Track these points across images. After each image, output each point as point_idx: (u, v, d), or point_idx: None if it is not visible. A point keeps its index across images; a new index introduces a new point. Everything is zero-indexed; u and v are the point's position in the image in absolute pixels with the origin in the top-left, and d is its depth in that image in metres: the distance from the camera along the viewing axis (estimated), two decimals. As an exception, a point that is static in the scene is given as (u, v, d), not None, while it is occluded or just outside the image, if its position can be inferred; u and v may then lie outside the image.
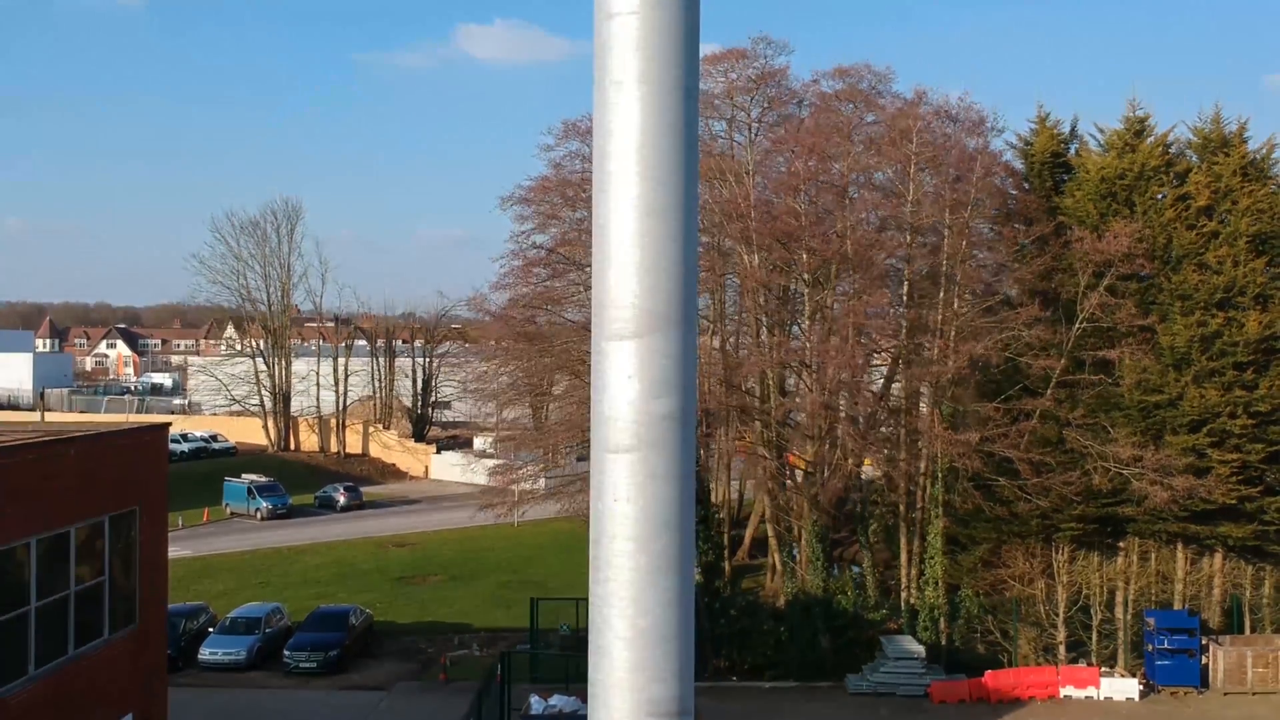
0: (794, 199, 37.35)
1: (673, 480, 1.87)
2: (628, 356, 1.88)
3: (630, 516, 1.85)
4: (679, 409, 1.88)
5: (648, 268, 1.88)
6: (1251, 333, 35.23)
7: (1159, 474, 34.69)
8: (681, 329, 1.90)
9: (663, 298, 1.88)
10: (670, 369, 1.89)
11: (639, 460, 1.86)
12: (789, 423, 37.38)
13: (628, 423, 1.87)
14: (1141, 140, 38.68)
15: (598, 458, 1.90)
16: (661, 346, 1.88)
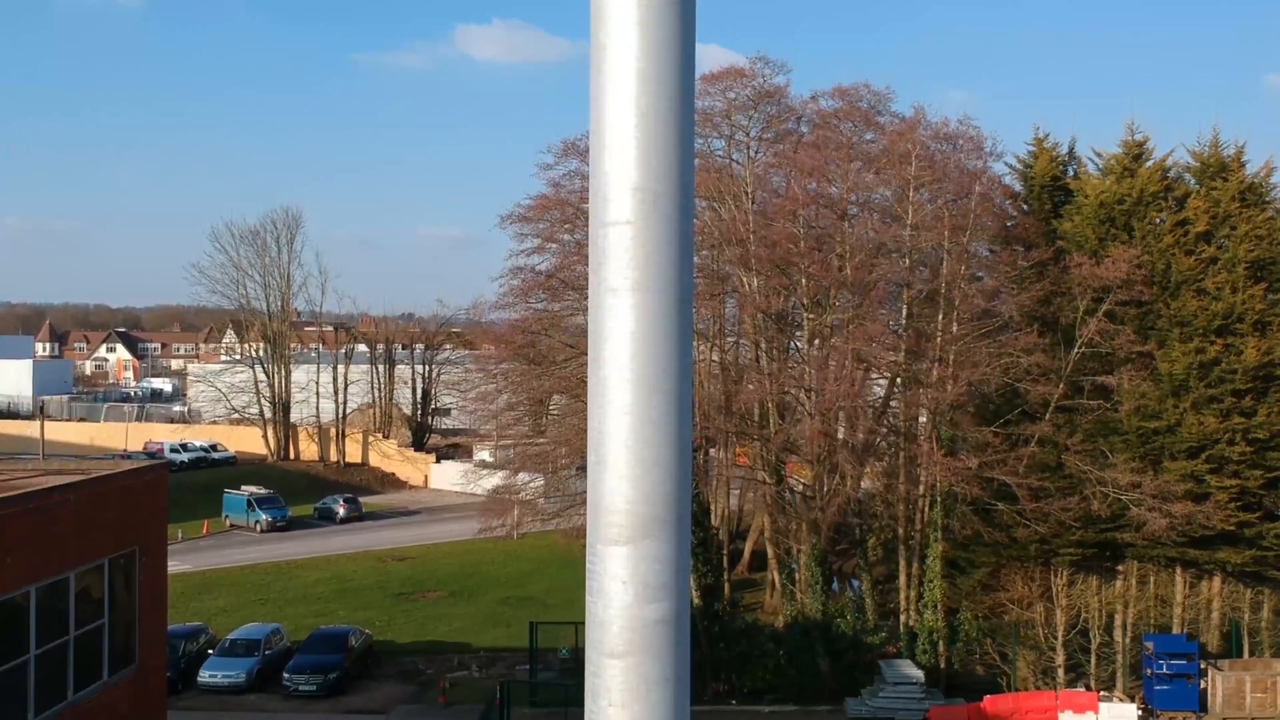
0: (792, 222, 37.35)
1: (666, 685, 1.91)
2: (621, 562, 1.91)
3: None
4: (672, 613, 1.92)
5: (641, 474, 1.91)
6: (1250, 360, 35.25)
7: (1158, 500, 34.72)
8: (674, 530, 1.94)
9: (657, 501, 1.92)
10: (663, 573, 1.92)
11: (632, 666, 1.90)
12: (788, 446, 37.40)
13: (621, 628, 1.92)
14: (1140, 164, 38.71)
15: (593, 660, 1.95)
16: (655, 551, 1.92)
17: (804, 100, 51.17)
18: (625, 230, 1.90)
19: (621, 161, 1.89)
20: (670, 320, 1.91)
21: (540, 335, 40.41)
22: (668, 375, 1.90)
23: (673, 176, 1.91)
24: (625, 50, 1.87)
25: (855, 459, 32.95)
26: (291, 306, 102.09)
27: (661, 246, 1.91)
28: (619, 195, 1.89)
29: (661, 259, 1.90)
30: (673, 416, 1.90)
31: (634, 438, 1.90)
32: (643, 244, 1.90)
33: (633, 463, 1.89)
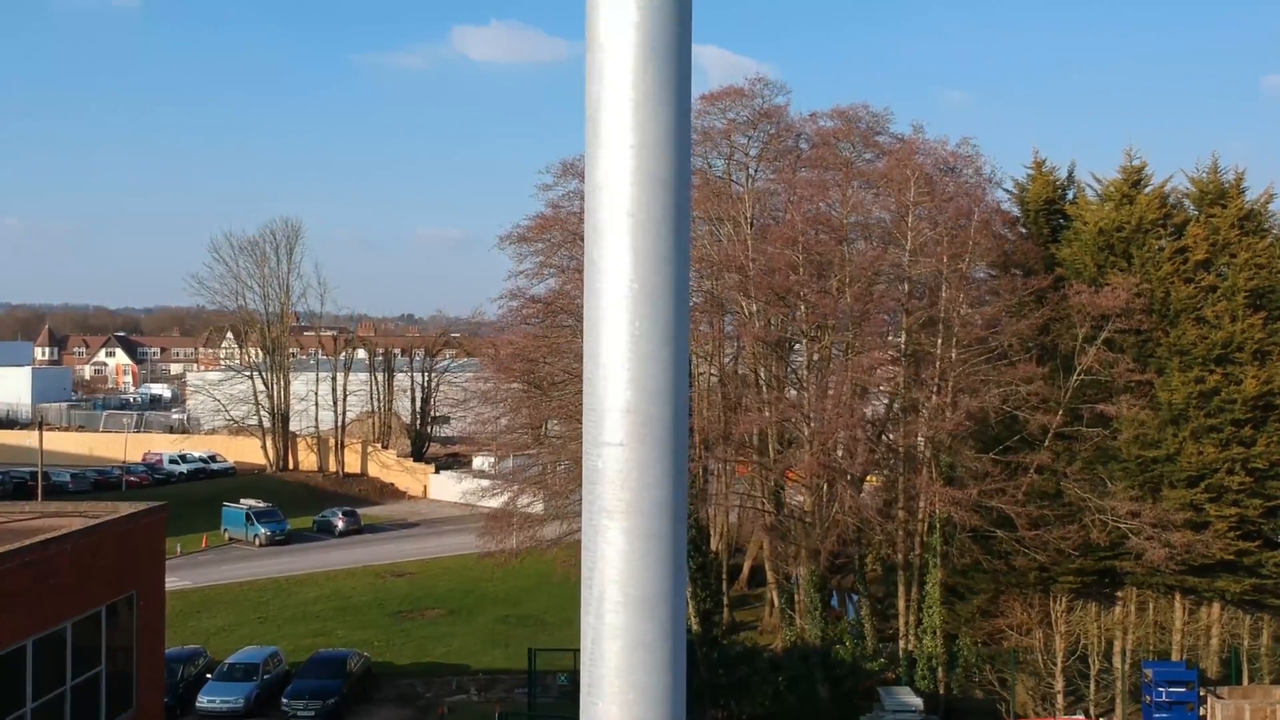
0: (791, 249, 37.31)
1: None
2: None
3: None
4: None
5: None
6: (1249, 390, 35.21)
7: (1157, 529, 34.68)
8: None
9: None
10: None
11: None
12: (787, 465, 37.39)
13: None
14: (1139, 191, 38.66)
15: None
16: None
17: (804, 118, 51.22)
18: (617, 452, 1.88)
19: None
20: (664, 540, 1.88)
21: (539, 362, 40.36)
22: (662, 599, 1.86)
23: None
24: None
25: (854, 489, 32.91)
26: (290, 312, 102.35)
27: (653, 470, 1.89)
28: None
29: (653, 482, 1.84)
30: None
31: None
32: (635, 467, 1.88)
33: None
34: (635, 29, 1.83)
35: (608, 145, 1.87)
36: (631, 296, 1.83)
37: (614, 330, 1.85)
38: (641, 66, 1.83)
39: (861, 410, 33.62)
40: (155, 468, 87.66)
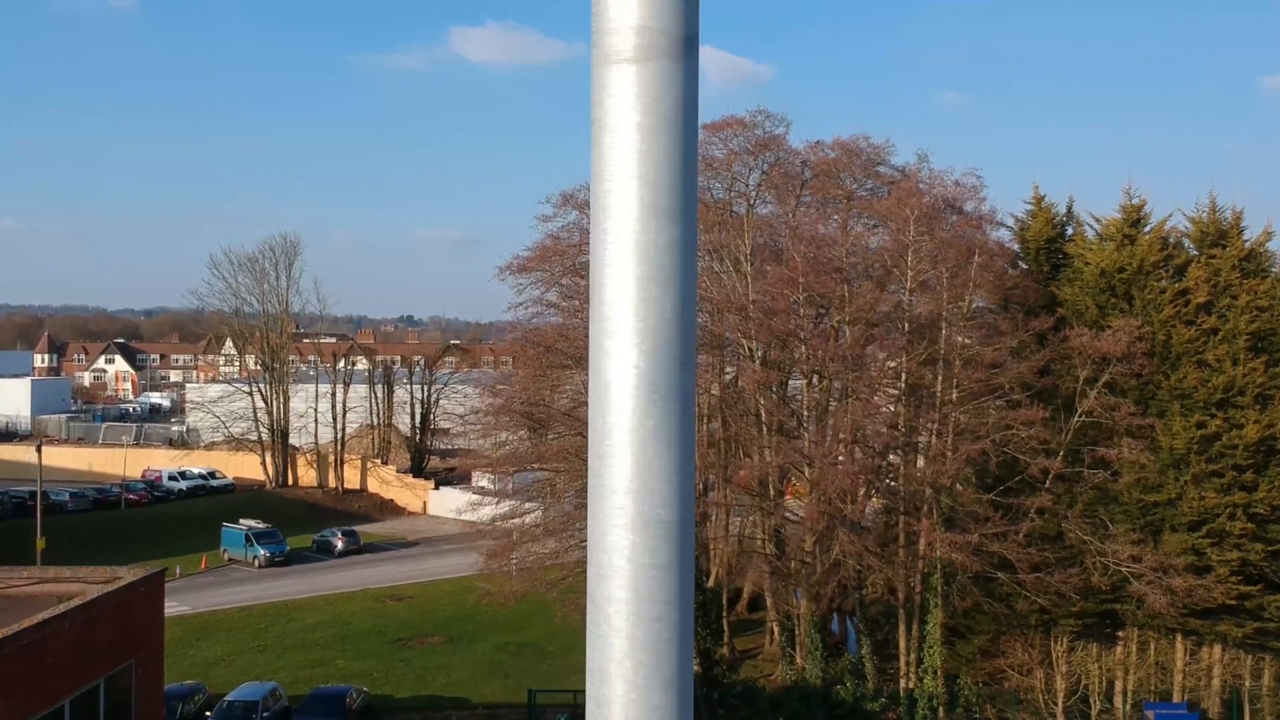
0: (791, 289, 37.22)
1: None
2: None
3: None
4: None
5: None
6: (1250, 436, 35.09)
7: (1158, 574, 34.58)
8: None
9: None
10: None
11: None
12: (789, 517, 37.32)
13: None
14: (1139, 231, 38.56)
15: None
16: None
17: (808, 144, 51.26)
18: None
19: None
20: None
21: (538, 406, 40.31)
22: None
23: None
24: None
25: (855, 534, 32.85)
26: (290, 318, 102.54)
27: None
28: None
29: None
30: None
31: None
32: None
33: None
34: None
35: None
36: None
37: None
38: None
39: (862, 456, 33.53)
40: (155, 485, 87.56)
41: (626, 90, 1.77)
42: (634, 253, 1.77)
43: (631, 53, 1.78)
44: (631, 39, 1.77)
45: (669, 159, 1.77)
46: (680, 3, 1.80)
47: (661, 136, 1.77)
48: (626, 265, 1.77)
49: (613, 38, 1.78)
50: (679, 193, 1.79)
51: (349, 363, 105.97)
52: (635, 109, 1.77)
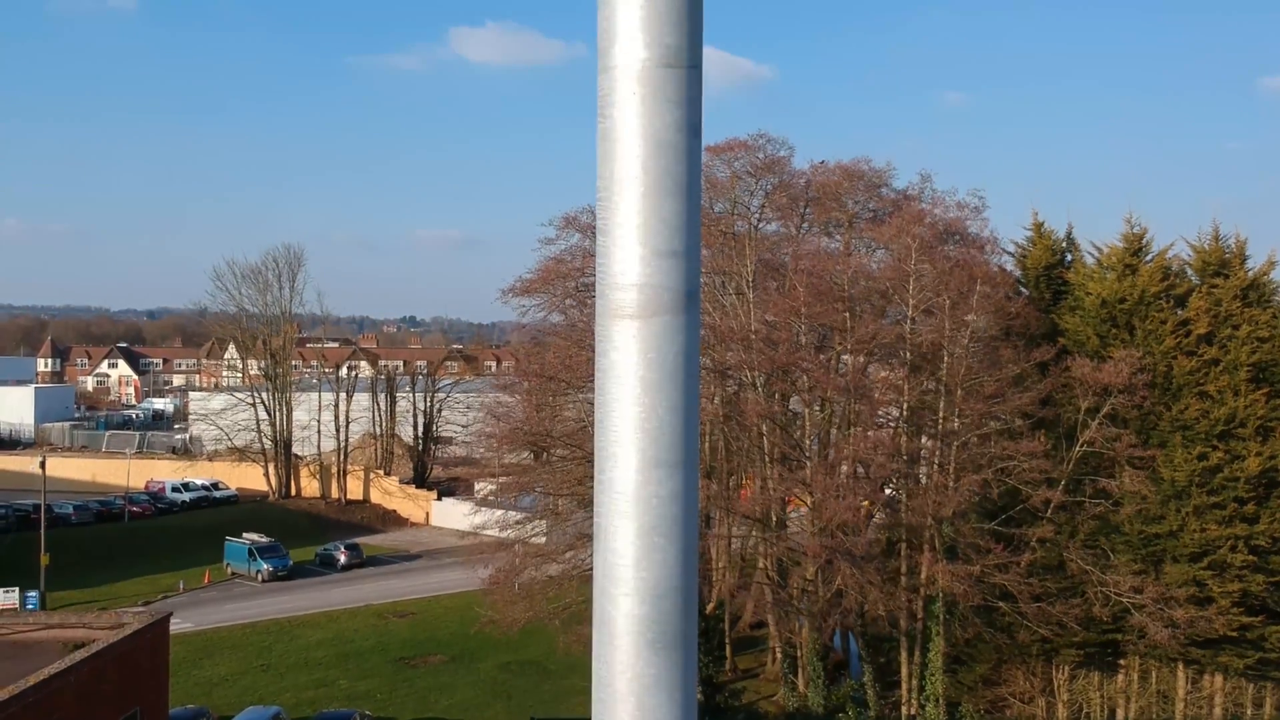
0: (796, 318, 37.28)
1: None
2: None
3: None
4: None
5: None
6: (1252, 469, 35.13)
7: (1159, 605, 34.62)
8: None
9: None
10: None
11: None
12: (793, 551, 37.42)
13: None
14: (1140, 260, 38.58)
15: None
16: None
17: (813, 164, 51.40)
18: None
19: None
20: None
21: (541, 435, 40.42)
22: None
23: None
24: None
25: (857, 569, 32.93)
26: (292, 322, 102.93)
27: None
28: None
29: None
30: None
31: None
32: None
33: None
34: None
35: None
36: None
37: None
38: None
39: (865, 488, 33.62)
40: (158, 497, 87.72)
41: (630, 344, 1.87)
42: (636, 504, 1.85)
43: (635, 309, 1.87)
44: (635, 295, 1.87)
45: (671, 411, 1.86)
46: (681, 261, 1.90)
47: (664, 389, 1.86)
48: (629, 515, 1.85)
49: (617, 293, 1.88)
50: (680, 444, 1.87)
51: (351, 372, 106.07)
52: (639, 363, 1.87)
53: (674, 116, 2.06)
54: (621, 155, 2.00)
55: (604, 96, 2.10)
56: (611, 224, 1.95)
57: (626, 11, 2.02)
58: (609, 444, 1.88)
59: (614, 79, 2.04)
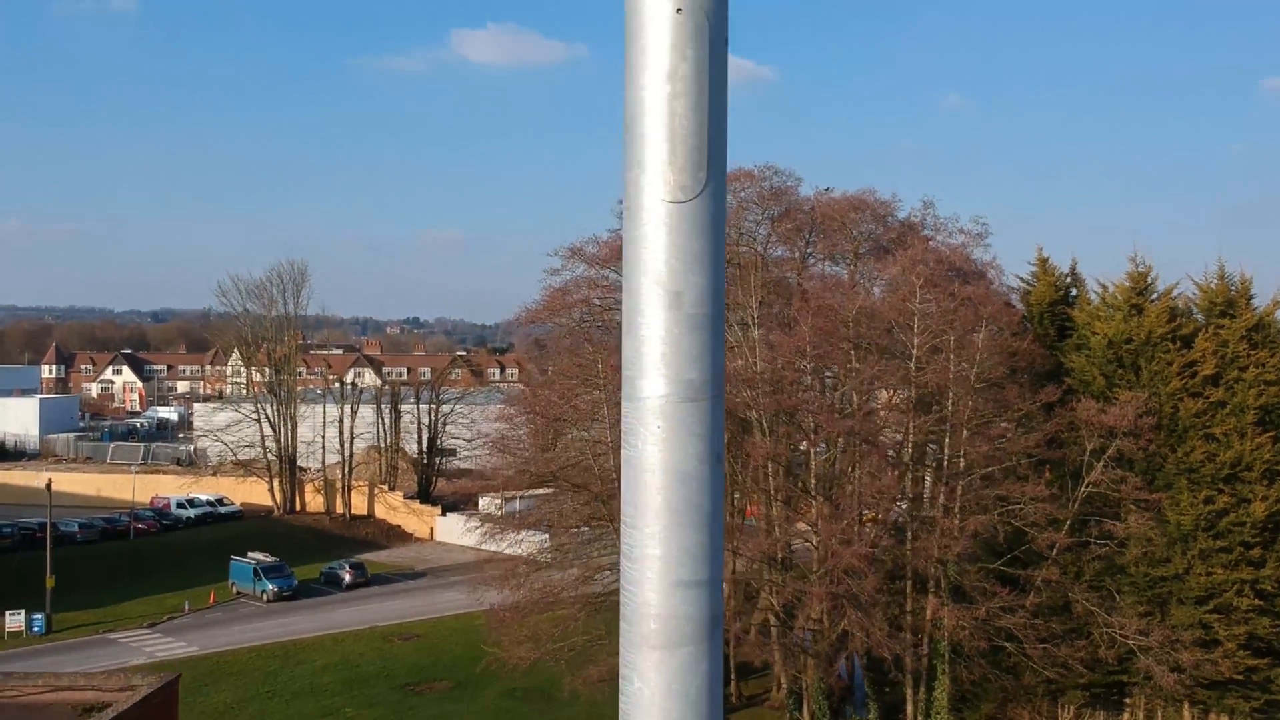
0: (801, 357, 37.32)
1: None
2: None
3: None
4: None
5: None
6: (1258, 514, 35.11)
7: (1164, 650, 34.60)
8: None
9: None
10: None
11: None
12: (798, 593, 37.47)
13: None
14: (1145, 299, 38.54)
15: None
16: None
17: (817, 191, 51.47)
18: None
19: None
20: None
21: (546, 475, 40.53)
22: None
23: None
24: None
25: (863, 612, 32.98)
26: (297, 330, 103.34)
27: None
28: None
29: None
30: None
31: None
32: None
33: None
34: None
35: None
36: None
37: None
38: None
39: (867, 535, 33.66)
40: (163, 512, 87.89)
41: (653, 675, 1.95)
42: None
43: (659, 639, 1.95)
44: (658, 626, 1.95)
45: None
46: (705, 590, 1.98)
47: (687, 717, 1.93)
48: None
49: (642, 623, 1.96)
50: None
51: (356, 388, 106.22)
52: (663, 695, 1.94)
53: (696, 449, 2.12)
54: (646, 485, 2.08)
55: (629, 427, 2.16)
56: (636, 552, 2.03)
57: (650, 349, 2.10)
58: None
59: (639, 410, 2.12)
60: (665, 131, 4.73)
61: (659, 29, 4.14)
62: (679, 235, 3.95)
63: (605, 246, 49.18)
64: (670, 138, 4.71)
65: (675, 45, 4.44)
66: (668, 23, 4.55)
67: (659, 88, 4.80)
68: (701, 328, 2.18)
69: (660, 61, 4.38)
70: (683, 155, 5.09)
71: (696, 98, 4.58)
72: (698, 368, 2.09)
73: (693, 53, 4.64)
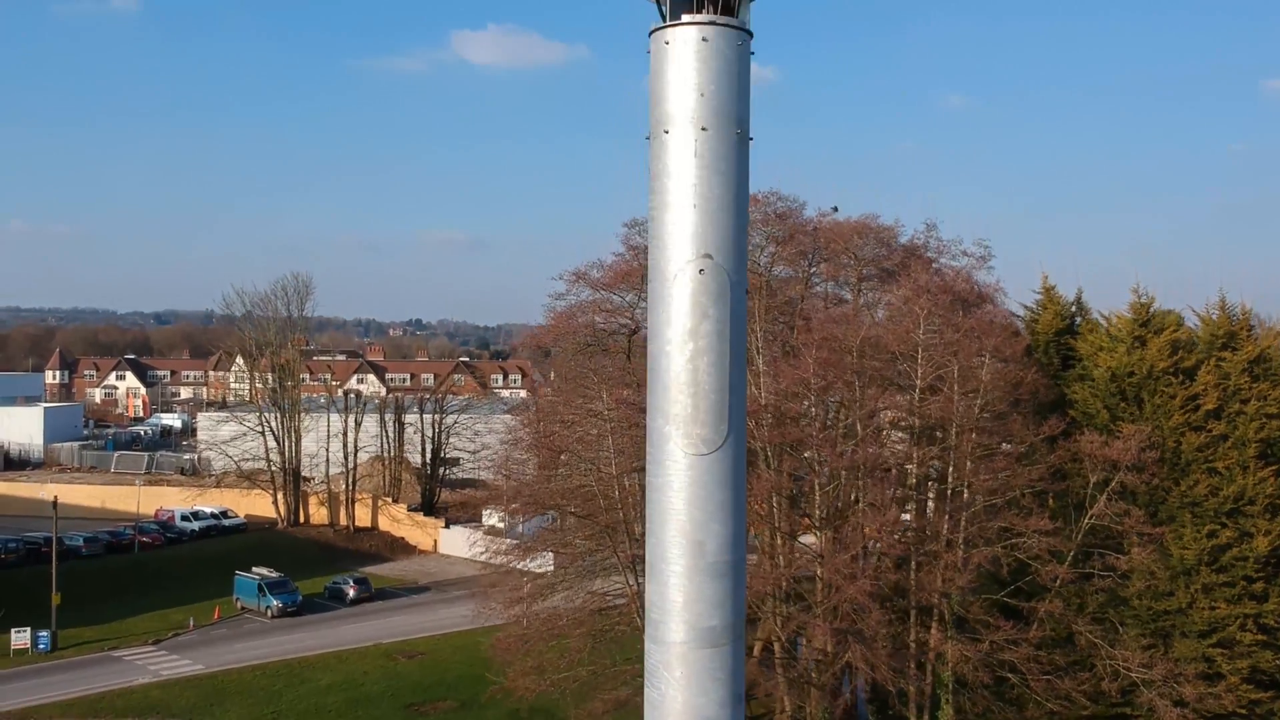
0: (804, 389, 37.41)
1: None
2: None
3: None
4: None
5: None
6: (1260, 549, 35.20)
7: (1168, 681, 34.68)
8: None
9: None
10: None
11: None
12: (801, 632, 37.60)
13: None
14: (1148, 331, 38.62)
15: None
16: None
17: (820, 212, 51.63)
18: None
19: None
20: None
21: (556, 508, 40.68)
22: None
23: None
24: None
25: (867, 647, 33.09)
26: (301, 335, 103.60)
27: None
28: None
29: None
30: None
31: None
32: None
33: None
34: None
35: None
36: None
37: None
38: None
39: (870, 569, 33.78)
40: (168, 526, 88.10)
41: None
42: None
43: None
44: None
45: None
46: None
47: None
48: None
49: None
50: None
51: (360, 399, 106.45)
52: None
53: (718, 694, 2.29)
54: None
55: (652, 668, 2.33)
56: None
57: (674, 595, 2.27)
58: None
59: (663, 654, 2.30)
60: (689, 389, 4.97)
61: (682, 288, 4.36)
62: (701, 487, 4.20)
63: (609, 270, 49.34)
64: (694, 395, 4.97)
65: (698, 304, 4.70)
66: (690, 283, 4.77)
67: (682, 344, 5.05)
68: (723, 575, 2.36)
69: (683, 319, 4.62)
70: (705, 411, 5.36)
71: (718, 355, 4.85)
72: (719, 614, 2.25)
73: (715, 312, 4.92)
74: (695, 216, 3.68)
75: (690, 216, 3.68)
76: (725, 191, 3.84)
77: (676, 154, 4.08)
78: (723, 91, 4.29)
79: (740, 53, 4.34)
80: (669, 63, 4.23)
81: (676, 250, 3.55)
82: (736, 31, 4.44)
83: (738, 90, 4.34)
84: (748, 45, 4.32)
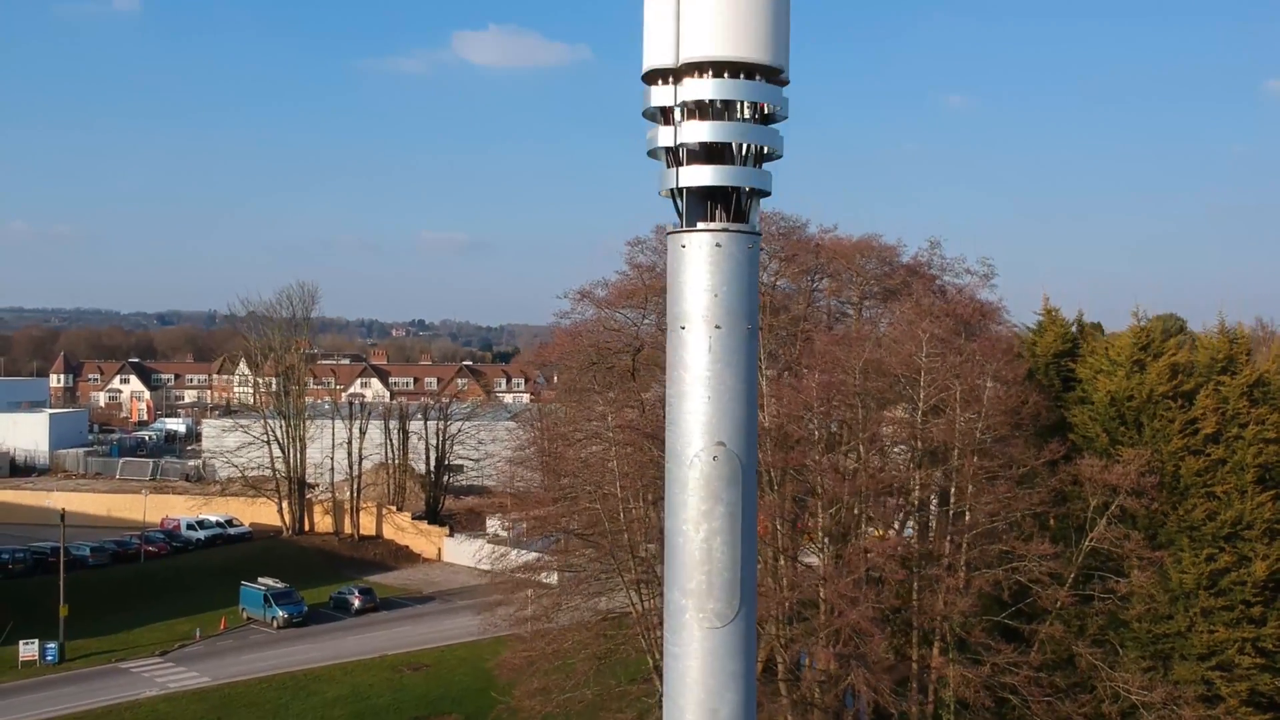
0: (808, 413, 37.74)
1: None
2: None
3: None
4: None
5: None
6: (1259, 573, 35.53)
7: (1168, 704, 34.99)
8: None
9: None
10: None
11: None
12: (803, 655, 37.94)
13: None
14: (1148, 355, 38.93)
15: None
16: None
17: (822, 229, 51.98)
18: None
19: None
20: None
21: (564, 532, 41.06)
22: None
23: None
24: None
25: (870, 672, 33.42)
26: (306, 339, 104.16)
27: None
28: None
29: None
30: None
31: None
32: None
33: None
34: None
35: None
36: None
37: None
38: None
39: (872, 594, 34.10)
40: (173, 534, 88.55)
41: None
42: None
43: None
44: None
45: None
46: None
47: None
48: None
49: None
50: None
51: (362, 403, 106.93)
52: None
53: None
54: None
55: None
56: None
57: None
58: None
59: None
60: (703, 567, 5.42)
61: (698, 473, 4.79)
62: (715, 658, 4.64)
63: (613, 289, 49.68)
64: (708, 572, 5.41)
65: (711, 489, 5.12)
66: (705, 468, 5.21)
67: (697, 524, 5.47)
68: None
69: (698, 502, 5.04)
70: (719, 587, 5.78)
71: (731, 535, 5.29)
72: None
73: (728, 495, 5.35)
74: (709, 408, 4.15)
75: (704, 408, 4.15)
76: (737, 383, 4.32)
77: (693, 349, 4.51)
78: (734, 292, 4.72)
79: (750, 254, 4.76)
80: (685, 265, 4.68)
81: (693, 437, 4.03)
82: (747, 235, 4.87)
83: (747, 289, 4.76)
84: (757, 245, 4.75)
